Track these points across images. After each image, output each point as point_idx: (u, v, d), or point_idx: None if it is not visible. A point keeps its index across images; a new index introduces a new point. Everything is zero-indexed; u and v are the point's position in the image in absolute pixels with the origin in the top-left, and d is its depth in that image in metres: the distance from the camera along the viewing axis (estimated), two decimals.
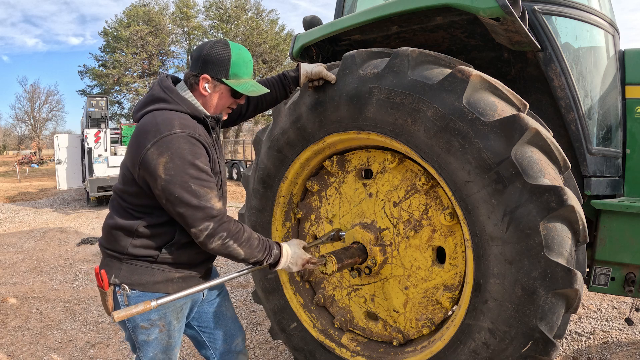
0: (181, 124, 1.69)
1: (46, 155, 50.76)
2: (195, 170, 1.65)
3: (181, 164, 1.63)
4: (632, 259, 2.52)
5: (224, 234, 1.70)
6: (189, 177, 1.63)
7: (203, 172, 1.68)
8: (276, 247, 1.90)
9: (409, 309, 2.46)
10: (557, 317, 1.89)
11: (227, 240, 1.71)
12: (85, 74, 34.95)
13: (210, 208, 1.66)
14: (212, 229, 1.67)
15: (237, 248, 1.74)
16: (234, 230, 1.73)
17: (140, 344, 1.87)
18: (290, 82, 2.23)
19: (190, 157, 1.64)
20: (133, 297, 1.77)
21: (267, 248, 1.85)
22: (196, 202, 1.64)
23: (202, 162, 1.68)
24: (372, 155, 2.52)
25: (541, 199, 1.80)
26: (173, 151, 1.63)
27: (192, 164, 1.64)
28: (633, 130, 2.84)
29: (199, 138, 1.71)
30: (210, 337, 2.13)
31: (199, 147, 1.70)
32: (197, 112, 1.78)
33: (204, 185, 1.66)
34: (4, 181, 23.74)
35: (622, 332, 3.93)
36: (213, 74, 1.78)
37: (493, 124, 1.86)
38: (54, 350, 3.77)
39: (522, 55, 2.60)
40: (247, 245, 1.77)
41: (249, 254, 1.78)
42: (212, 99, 1.83)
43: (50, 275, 6.02)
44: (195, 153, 1.67)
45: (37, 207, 13.34)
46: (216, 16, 32.96)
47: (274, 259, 1.87)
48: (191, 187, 1.63)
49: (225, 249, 1.72)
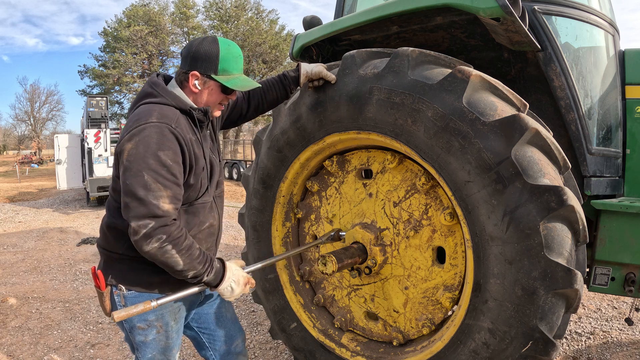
0: (160, 114, 1.65)
1: (46, 155, 50.76)
2: (155, 161, 1.56)
3: (143, 152, 1.56)
4: (632, 259, 2.52)
5: (163, 236, 1.55)
6: (146, 167, 1.55)
7: (164, 166, 1.58)
8: (218, 262, 1.77)
9: (409, 309, 2.46)
10: (557, 317, 1.89)
11: (165, 245, 1.56)
12: (85, 74, 34.97)
13: (155, 206, 1.55)
14: (151, 229, 1.54)
15: (176, 255, 1.59)
16: (175, 235, 1.59)
17: (138, 344, 1.86)
18: (290, 82, 2.23)
19: (155, 147, 1.57)
20: (130, 297, 1.76)
21: (209, 261, 1.71)
22: (142, 194, 1.54)
23: (166, 155, 1.59)
24: (372, 155, 2.52)
25: (541, 199, 1.80)
26: (140, 139, 1.58)
27: (154, 154, 1.56)
28: (633, 130, 2.84)
29: (175, 130, 1.64)
30: (210, 338, 2.12)
31: (170, 139, 1.62)
32: (182, 104, 1.75)
33: (157, 180, 1.56)
34: (4, 181, 23.75)
35: (622, 332, 3.93)
36: (202, 70, 1.74)
37: (493, 124, 1.86)
38: (54, 350, 3.77)
39: (522, 55, 2.60)
40: (187, 255, 1.61)
41: (187, 264, 1.62)
42: (203, 95, 1.80)
43: (50, 275, 6.02)
44: (162, 144, 1.58)
45: (37, 207, 13.34)
46: (216, 16, 32.96)
47: (215, 274, 1.72)
48: (144, 177, 1.54)
49: (162, 254, 1.57)
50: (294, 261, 2.91)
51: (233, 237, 8.43)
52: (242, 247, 7.42)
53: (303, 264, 2.90)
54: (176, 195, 1.62)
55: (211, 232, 1.94)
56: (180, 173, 1.64)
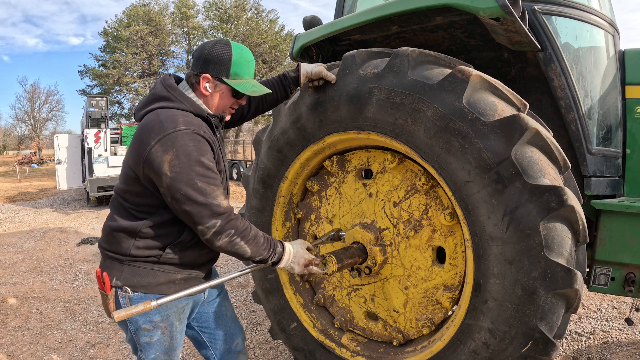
0: (185, 121, 1.68)
1: (46, 155, 50.76)
2: (201, 167, 1.64)
3: (187, 161, 1.61)
4: (632, 259, 2.52)
5: (231, 231, 1.69)
6: (195, 174, 1.62)
7: (209, 169, 1.67)
8: (279, 245, 1.89)
9: (409, 309, 2.46)
10: (557, 317, 1.89)
11: (235, 238, 1.70)
12: (85, 74, 34.93)
13: (217, 205, 1.65)
14: (220, 227, 1.66)
15: (244, 246, 1.73)
16: (242, 228, 1.72)
17: (142, 345, 1.86)
18: (290, 82, 2.23)
19: (195, 154, 1.63)
20: (135, 299, 1.75)
21: (272, 246, 1.84)
22: (202, 199, 1.63)
23: (207, 159, 1.67)
24: (372, 155, 2.52)
25: (541, 199, 1.80)
26: (178, 148, 1.62)
27: (198, 161, 1.63)
28: (633, 130, 2.84)
29: (204, 135, 1.70)
30: (211, 337, 2.12)
31: (204, 144, 1.69)
32: (200, 111, 1.77)
33: (210, 183, 1.65)
34: (4, 181, 23.74)
35: (622, 332, 3.93)
36: (214, 74, 1.76)
37: (493, 124, 1.86)
38: (54, 350, 3.77)
39: (522, 55, 2.60)
40: (254, 243, 1.76)
41: (255, 251, 1.77)
42: (213, 98, 1.82)
43: (50, 275, 6.02)
44: (200, 150, 1.66)
45: (37, 207, 13.34)
46: (216, 16, 32.94)
47: (277, 257, 1.86)
48: (197, 184, 1.62)
49: (232, 246, 1.71)
50: None
51: None
52: None
53: None
54: (223, 191, 1.73)
55: None
56: (219, 172, 1.75)
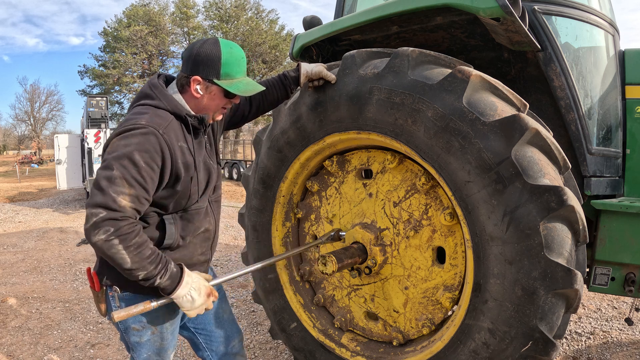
0: (151, 118, 1.64)
1: (46, 155, 50.76)
2: (129, 159, 1.55)
3: (121, 149, 1.56)
4: (632, 259, 2.52)
5: (110, 229, 1.50)
6: (118, 162, 1.54)
7: (135, 165, 1.55)
8: (176, 266, 1.67)
9: (409, 309, 2.46)
10: (557, 317, 1.89)
11: (112, 238, 1.50)
12: (85, 74, 34.97)
13: (112, 198, 1.51)
14: (101, 219, 1.49)
15: (123, 251, 1.52)
16: (124, 231, 1.52)
17: (133, 345, 1.85)
18: (290, 82, 2.23)
19: (134, 147, 1.56)
20: (125, 298, 1.75)
21: (163, 262, 1.62)
22: (105, 185, 1.52)
23: (141, 157, 1.56)
24: (372, 155, 2.52)
25: (541, 199, 1.80)
26: (124, 137, 1.59)
27: (131, 153, 1.55)
28: (633, 130, 2.84)
29: (162, 136, 1.62)
30: (207, 339, 2.11)
31: (153, 144, 1.59)
32: (177, 110, 1.72)
33: (124, 177, 1.53)
34: (4, 181, 23.74)
35: (622, 332, 3.93)
36: (204, 75, 1.70)
37: (493, 124, 1.86)
38: (54, 350, 3.77)
39: (522, 55, 2.60)
40: (136, 252, 1.54)
41: (136, 262, 1.54)
42: (205, 100, 1.75)
43: (50, 275, 6.02)
44: (142, 146, 1.57)
45: (37, 207, 13.34)
46: (216, 16, 32.95)
47: (170, 278, 1.63)
48: (112, 170, 1.53)
49: (108, 248, 1.51)
50: (294, 261, 2.91)
51: (233, 237, 8.43)
52: (242, 247, 7.42)
53: (303, 264, 2.90)
54: (139, 197, 1.58)
55: (206, 237, 1.92)
56: (151, 178, 1.60)
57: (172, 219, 1.77)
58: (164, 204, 1.73)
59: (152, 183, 1.61)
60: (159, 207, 1.74)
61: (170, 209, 1.76)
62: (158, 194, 1.69)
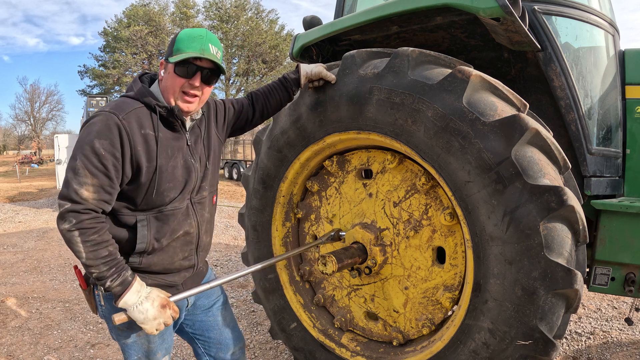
0: (115, 105, 1.65)
1: (46, 155, 50.79)
2: (90, 148, 1.57)
3: (83, 138, 1.59)
4: (632, 259, 2.52)
5: (73, 220, 1.54)
6: (81, 152, 1.57)
7: (96, 154, 1.56)
8: (132, 275, 1.65)
9: (409, 309, 2.46)
10: (557, 317, 1.89)
11: (73, 230, 1.55)
12: (85, 74, 34.98)
13: (74, 190, 1.55)
14: (65, 210, 1.55)
15: (80, 245, 1.55)
16: (85, 225, 1.56)
17: (122, 345, 1.85)
18: (291, 84, 2.21)
19: (94, 135, 1.58)
20: (109, 297, 1.73)
21: (117, 267, 1.61)
22: (69, 177, 1.57)
23: (101, 144, 1.57)
24: (372, 155, 2.52)
25: (541, 199, 1.80)
26: (87, 126, 1.62)
27: (91, 141, 1.57)
28: (633, 130, 2.84)
29: (122, 121, 1.61)
30: (205, 344, 2.09)
31: (112, 129, 1.59)
32: (147, 99, 1.71)
33: (86, 167, 1.56)
34: (4, 181, 23.74)
35: (622, 332, 3.93)
36: (165, 57, 1.75)
37: (493, 124, 1.86)
38: (54, 350, 3.77)
39: (522, 55, 2.60)
40: (92, 250, 1.57)
41: (91, 260, 1.57)
42: (166, 82, 1.74)
43: (50, 275, 6.02)
44: (101, 133, 1.58)
45: (37, 207, 13.34)
46: (216, 16, 32.95)
47: (121, 284, 1.61)
48: (76, 161, 1.57)
49: (69, 238, 1.56)
50: (294, 261, 2.91)
51: (233, 237, 8.43)
52: (242, 247, 7.42)
53: (303, 264, 2.90)
54: (103, 186, 1.59)
55: (187, 240, 1.85)
56: (114, 165, 1.60)
57: (145, 220, 1.72)
58: (132, 197, 1.70)
59: (116, 171, 1.61)
60: (129, 201, 1.71)
61: (141, 205, 1.71)
62: (125, 187, 1.67)
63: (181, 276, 1.88)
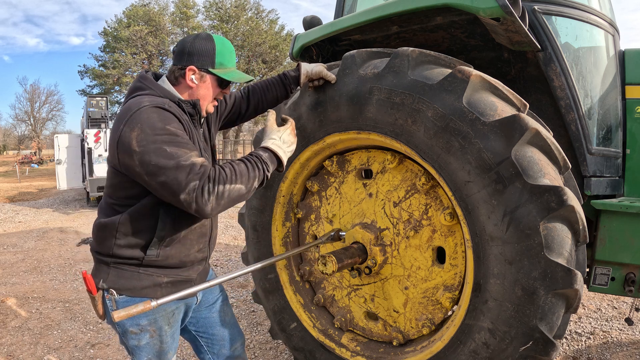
0: (150, 100, 1.65)
1: (46, 155, 50.77)
2: (167, 134, 1.56)
3: (152, 132, 1.55)
4: (632, 259, 2.52)
5: (209, 185, 1.53)
6: (162, 142, 1.54)
7: (176, 135, 1.58)
8: (263, 151, 1.76)
9: (409, 309, 2.46)
10: (557, 317, 1.89)
11: (215, 189, 1.54)
12: (85, 74, 34.94)
13: (191, 164, 1.53)
14: (195, 186, 1.52)
15: (233, 188, 1.58)
16: (218, 175, 1.57)
17: (132, 348, 1.83)
18: (291, 81, 2.23)
19: (159, 123, 1.57)
20: (121, 302, 1.72)
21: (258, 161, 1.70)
22: (174, 163, 1.52)
23: (173, 127, 1.60)
24: (372, 155, 2.52)
25: (541, 199, 1.80)
26: (142, 123, 1.57)
27: (163, 128, 1.57)
28: (633, 130, 2.84)
29: (169, 108, 1.64)
30: (208, 341, 2.10)
31: (169, 115, 1.62)
32: (170, 96, 1.74)
33: (179, 146, 1.56)
34: (4, 181, 23.74)
35: (622, 332, 3.93)
36: (199, 65, 1.75)
37: (493, 124, 1.86)
38: (54, 350, 3.77)
39: (522, 55, 2.60)
40: (239, 176, 1.61)
41: (247, 183, 1.62)
42: (199, 90, 1.80)
43: (50, 275, 6.02)
44: (165, 119, 1.59)
45: (37, 207, 13.33)
46: (216, 16, 32.93)
47: (272, 163, 1.75)
48: (166, 150, 1.53)
49: (222, 198, 1.56)
50: (294, 261, 2.91)
51: (233, 237, 8.43)
52: (242, 247, 7.42)
53: (303, 264, 2.90)
54: (196, 152, 1.62)
55: (203, 232, 1.89)
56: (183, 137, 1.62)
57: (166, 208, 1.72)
58: None
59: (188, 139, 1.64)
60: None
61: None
62: None
63: (195, 270, 1.91)
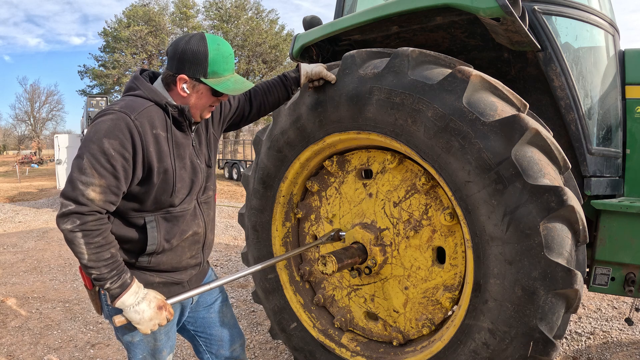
0: (125, 104, 1.60)
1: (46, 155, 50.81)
2: (98, 147, 1.52)
3: (91, 137, 1.54)
4: (632, 259, 2.52)
5: (77, 221, 1.51)
6: (88, 150, 1.52)
7: (104, 154, 1.52)
8: (130, 277, 1.64)
9: (409, 309, 2.46)
10: (557, 317, 1.89)
11: (76, 231, 1.51)
12: (85, 74, 34.95)
13: (80, 192, 1.50)
14: (69, 211, 1.50)
15: (83, 246, 1.52)
16: (90, 227, 1.53)
17: (126, 345, 1.84)
18: (291, 82, 2.21)
19: (103, 133, 1.53)
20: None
21: (118, 269, 1.60)
22: (75, 176, 1.51)
23: (110, 144, 1.53)
24: (372, 155, 2.52)
25: (541, 199, 1.80)
26: (95, 124, 1.57)
27: (100, 140, 1.52)
28: (633, 130, 2.84)
29: (134, 121, 1.58)
30: (207, 342, 2.10)
31: (122, 129, 1.55)
32: (157, 98, 1.67)
33: (94, 167, 1.51)
34: (4, 181, 23.74)
35: (622, 332, 3.93)
36: (190, 74, 1.65)
37: (493, 124, 1.86)
38: (54, 350, 3.77)
39: (522, 55, 2.60)
40: (95, 252, 1.54)
41: (93, 262, 1.55)
42: (191, 99, 1.71)
43: (50, 275, 6.02)
44: (111, 132, 1.54)
45: (37, 207, 13.33)
46: (216, 16, 32.93)
47: (121, 284, 1.60)
48: (82, 160, 1.51)
49: (71, 239, 1.52)
50: (294, 261, 2.91)
51: (233, 237, 8.43)
52: (242, 247, 7.42)
53: (303, 264, 2.90)
54: (110, 187, 1.55)
55: (195, 240, 1.87)
56: (122, 166, 1.56)
57: (154, 222, 1.72)
58: (142, 198, 1.68)
59: (125, 172, 1.58)
60: (138, 202, 1.69)
61: (150, 206, 1.70)
62: (135, 188, 1.65)
63: (188, 274, 1.89)
